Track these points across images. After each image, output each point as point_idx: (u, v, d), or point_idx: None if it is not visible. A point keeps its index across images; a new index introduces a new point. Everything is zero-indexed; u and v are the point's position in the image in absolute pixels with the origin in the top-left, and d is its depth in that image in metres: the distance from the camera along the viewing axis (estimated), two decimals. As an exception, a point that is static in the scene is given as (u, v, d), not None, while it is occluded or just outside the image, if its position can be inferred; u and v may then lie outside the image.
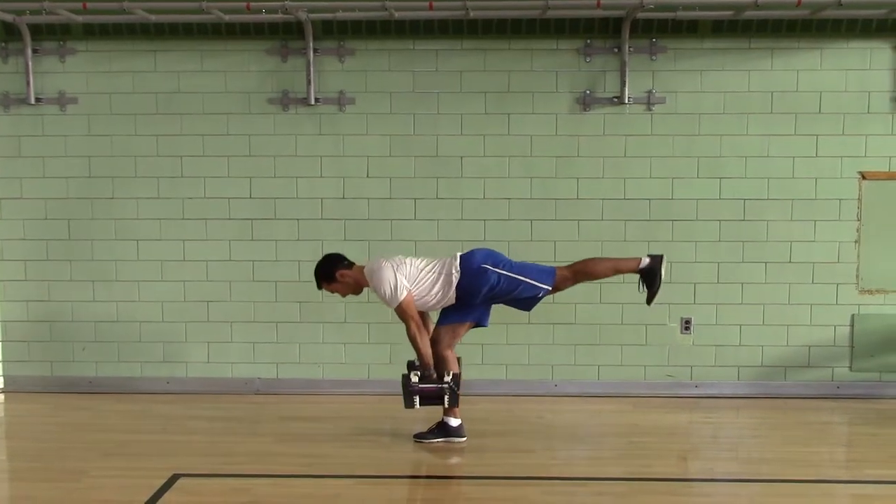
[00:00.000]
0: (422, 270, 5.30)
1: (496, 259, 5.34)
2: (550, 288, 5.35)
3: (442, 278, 5.28)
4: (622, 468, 5.04)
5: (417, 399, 5.28)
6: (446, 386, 5.27)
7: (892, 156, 6.38)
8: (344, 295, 5.51)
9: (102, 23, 6.34)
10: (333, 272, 5.39)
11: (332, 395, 6.56)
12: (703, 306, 6.52)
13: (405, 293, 5.20)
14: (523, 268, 5.35)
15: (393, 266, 5.25)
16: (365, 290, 5.45)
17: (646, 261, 5.36)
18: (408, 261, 5.34)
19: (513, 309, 6.47)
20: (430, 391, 5.27)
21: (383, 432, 5.73)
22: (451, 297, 5.31)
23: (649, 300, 5.41)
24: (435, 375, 5.27)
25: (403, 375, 5.31)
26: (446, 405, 5.33)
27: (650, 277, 5.36)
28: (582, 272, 5.43)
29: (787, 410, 6.22)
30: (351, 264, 5.44)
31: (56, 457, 5.23)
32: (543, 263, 5.48)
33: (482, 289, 5.26)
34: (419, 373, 5.28)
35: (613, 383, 6.58)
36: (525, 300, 5.39)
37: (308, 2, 5.99)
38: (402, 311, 5.23)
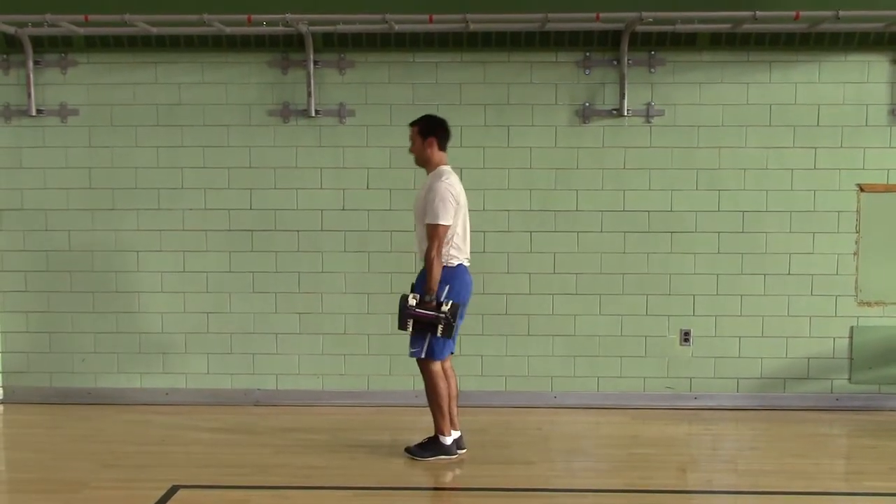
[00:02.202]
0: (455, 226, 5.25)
1: (465, 303, 5.30)
2: (422, 356, 5.27)
3: (446, 248, 5.21)
4: (621, 480, 5.04)
5: (411, 323, 5.15)
6: (443, 315, 5.13)
7: (890, 168, 6.40)
8: (411, 149, 5.42)
9: (104, 35, 6.36)
10: (433, 132, 5.33)
11: (331, 407, 6.56)
12: (702, 318, 6.52)
13: (449, 220, 5.14)
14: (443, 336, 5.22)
15: (452, 202, 5.17)
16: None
17: (447, 440, 5.35)
18: (462, 214, 5.28)
19: (512, 321, 6.52)
20: (426, 317, 5.14)
21: (383, 444, 5.73)
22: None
23: (407, 451, 5.40)
24: (434, 303, 5.16)
25: (402, 296, 5.20)
26: (438, 334, 5.17)
27: (426, 448, 5.36)
28: (435, 387, 5.31)
29: (787, 422, 6.22)
30: (444, 147, 5.38)
31: (55, 468, 5.24)
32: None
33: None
34: (418, 296, 5.17)
35: (613, 395, 6.58)
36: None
37: (308, 14, 6.02)
38: (435, 231, 5.12)
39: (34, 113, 6.50)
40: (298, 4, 6.02)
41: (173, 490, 4.79)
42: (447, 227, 5.16)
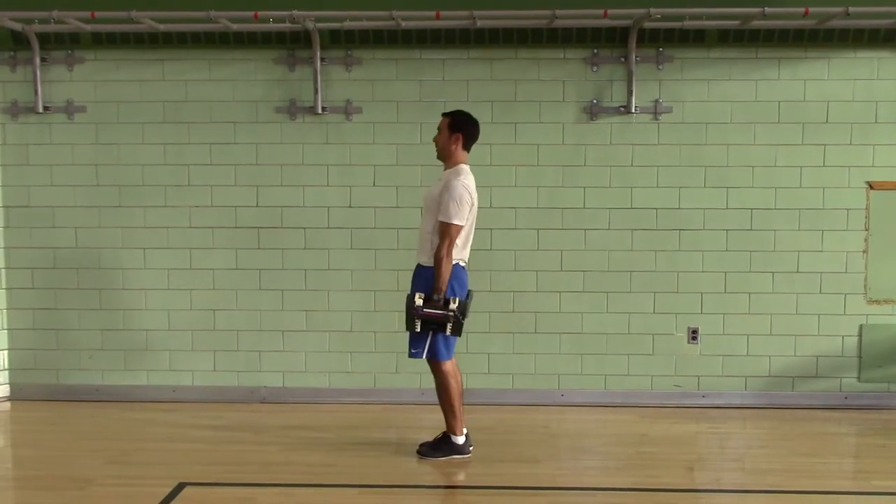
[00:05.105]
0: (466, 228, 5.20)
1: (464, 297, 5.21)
2: (423, 357, 5.22)
3: (454, 250, 5.15)
4: (629, 478, 5.02)
5: (419, 323, 5.10)
6: (451, 313, 5.08)
7: (899, 165, 6.38)
8: (436, 138, 5.34)
9: (110, 32, 6.36)
10: (462, 129, 5.26)
11: (338, 404, 6.55)
12: (710, 316, 6.50)
13: (463, 221, 5.08)
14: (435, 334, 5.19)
15: (468, 202, 5.12)
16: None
17: (460, 440, 5.33)
18: (471, 215, 5.20)
19: (519, 318, 6.50)
20: (434, 316, 5.07)
21: (389, 441, 5.72)
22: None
23: (419, 452, 5.37)
24: (442, 302, 5.10)
25: (408, 296, 5.16)
26: (447, 332, 5.11)
27: (438, 448, 5.34)
28: (447, 386, 5.28)
29: (795, 421, 6.20)
30: (469, 147, 5.31)
31: (61, 465, 5.24)
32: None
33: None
34: (424, 295, 5.11)
35: (620, 393, 6.56)
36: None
37: (315, 11, 6.01)
38: (447, 230, 5.05)
39: (41, 110, 6.50)
40: (305, 1, 6.01)
41: (179, 487, 4.79)
42: (460, 227, 5.11)
